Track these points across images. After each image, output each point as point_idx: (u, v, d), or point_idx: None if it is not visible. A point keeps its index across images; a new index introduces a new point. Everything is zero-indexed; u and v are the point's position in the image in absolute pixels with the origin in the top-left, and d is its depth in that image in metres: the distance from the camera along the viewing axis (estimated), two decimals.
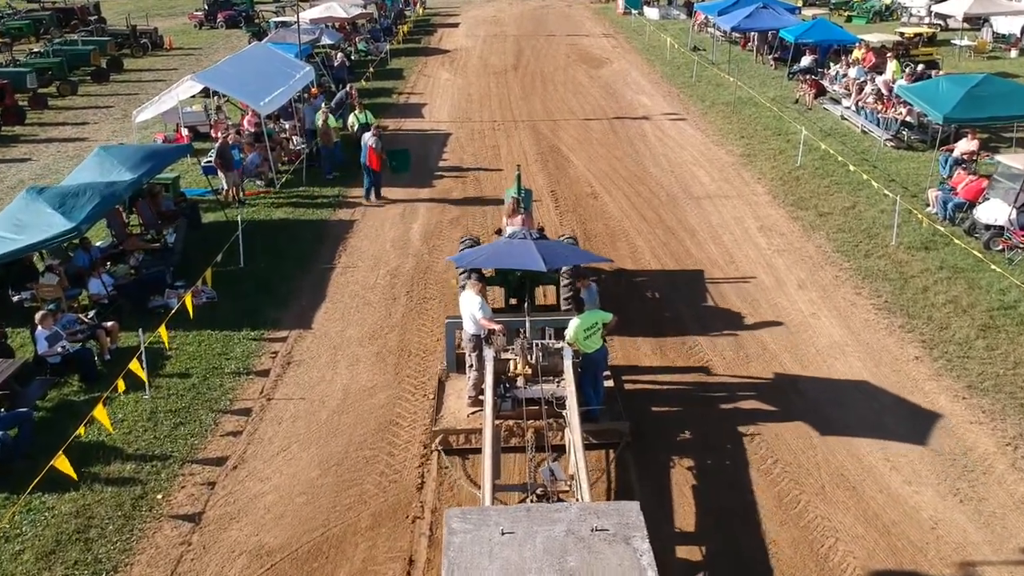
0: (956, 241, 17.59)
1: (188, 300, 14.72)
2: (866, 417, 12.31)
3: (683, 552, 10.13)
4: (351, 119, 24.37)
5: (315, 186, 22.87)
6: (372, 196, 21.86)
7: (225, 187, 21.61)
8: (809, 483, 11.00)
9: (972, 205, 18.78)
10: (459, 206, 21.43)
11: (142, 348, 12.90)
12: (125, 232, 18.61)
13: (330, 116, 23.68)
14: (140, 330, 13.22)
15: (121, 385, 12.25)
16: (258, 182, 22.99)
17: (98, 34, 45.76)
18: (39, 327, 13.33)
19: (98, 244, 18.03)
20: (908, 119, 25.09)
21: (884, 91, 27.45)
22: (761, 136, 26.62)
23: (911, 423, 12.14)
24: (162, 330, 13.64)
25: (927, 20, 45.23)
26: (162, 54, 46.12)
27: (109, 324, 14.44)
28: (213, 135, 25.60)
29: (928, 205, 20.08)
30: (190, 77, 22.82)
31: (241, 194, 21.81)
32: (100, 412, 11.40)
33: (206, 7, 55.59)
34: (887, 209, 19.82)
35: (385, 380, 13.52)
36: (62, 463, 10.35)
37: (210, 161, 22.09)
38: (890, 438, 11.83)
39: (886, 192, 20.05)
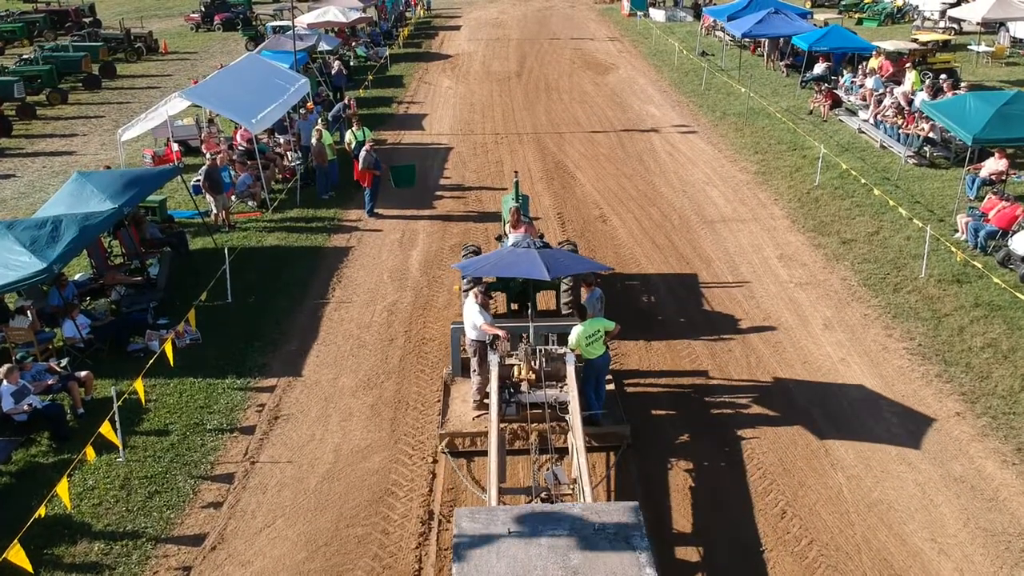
0: (990, 275, 16.47)
1: (168, 347, 13.61)
2: (907, 488, 11.20)
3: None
4: (348, 136, 23.25)
5: (309, 208, 21.77)
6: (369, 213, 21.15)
7: (214, 210, 20.50)
8: (850, 570, 9.90)
9: (1005, 233, 17.68)
10: (461, 230, 20.34)
11: (115, 408, 11.80)
12: (106, 264, 17.54)
13: (324, 133, 22.56)
14: (113, 389, 12.09)
15: (90, 453, 11.20)
16: (250, 203, 21.91)
17: (91, 38, 44.71)
18: (4, 382, 12.24)
19: (76, 277, 17.00)
20: (931, 135, 23.95)
21: (903, 103, 26.33)
22: (776, 151, 25.49)
23: (957, 496, 11.03)
24: (139, 384, 12.53)
25: (942, 24, 43.99)
26: (157, 59, 45.11)
27: (83, 374, 13.36)
28: (204, 150, 24.53)
29: (957, 231, 18.96)
30: (177, 94, 21.70)
31: (231, 218, 20.71)
32: (63, 488, 10.33)
33: (203, 9, 54.49)
34: (913, 236, 18.74)
35: (380, 439, 12.43)
36: (16, 554, 9.28)
37: (199, 182, 21.02)
38: (935, 513, 10.73)
39: (912, 218, 18.95)
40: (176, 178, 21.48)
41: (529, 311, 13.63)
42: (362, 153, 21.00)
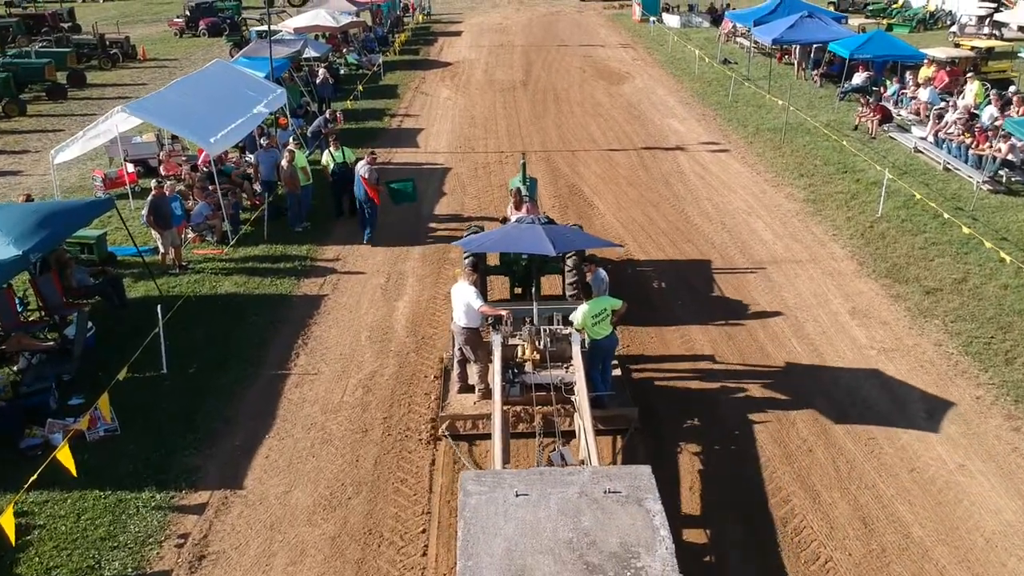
0: None
1: (66, 454, 10.07)
2: None
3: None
4: (325, 158, 19.76)
5: (278, 243, 18.25)
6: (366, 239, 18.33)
7: (162, 249, 17.02)
8: None
9: None
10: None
11: None
12: (17, 321, 14.08)
13: (298, 153, 19.09)
14: None
15: None
16: (209, 237, 18.42)
17: (60, 44, 41.31)
18: None
19: None
20: (1009, 156, 20.49)
21: (966, 118, 22.86)
22: (824, 174, 22.03)
23: None
24: (7, 517, 9.00)
25: (984, 30, 40.59)
26: (134, 66, 41.78)
27: None
28: (163, 172, 21.12)
29: None
30: (120, 108, 18.19)
31: (184, 256, 17.23)
32: None
33: (187, 13, 51.15)
34: (1011, 284, 15.31)
35: None
36: None
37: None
38: None
39: (1006, 259, 15.48)
40: (130, 202, 18.27)
41: (533, 291, 13.26)
42: (363, 169, 17.84)
